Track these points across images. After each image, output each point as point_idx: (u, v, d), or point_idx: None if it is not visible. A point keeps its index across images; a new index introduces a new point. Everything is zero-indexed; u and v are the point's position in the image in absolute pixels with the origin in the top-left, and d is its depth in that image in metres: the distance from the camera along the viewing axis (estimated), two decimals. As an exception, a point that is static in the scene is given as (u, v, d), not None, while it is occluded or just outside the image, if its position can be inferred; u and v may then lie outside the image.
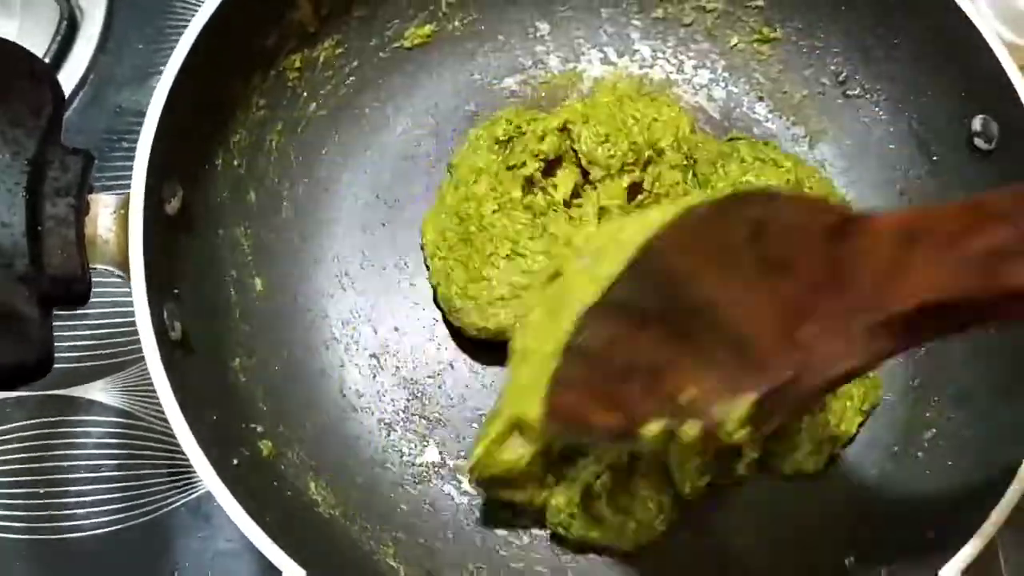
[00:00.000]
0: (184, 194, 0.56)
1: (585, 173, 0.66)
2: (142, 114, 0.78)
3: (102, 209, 0.51)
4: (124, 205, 0.51)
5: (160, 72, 0.80)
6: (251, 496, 0.50)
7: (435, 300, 0.66)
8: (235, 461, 0.53)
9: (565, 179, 0.65)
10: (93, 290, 0.71)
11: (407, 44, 0.70)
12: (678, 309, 0.42)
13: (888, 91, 0.68)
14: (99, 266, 0.51)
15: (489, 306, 0.62)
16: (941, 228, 0.39)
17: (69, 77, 0.78)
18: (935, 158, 0.65)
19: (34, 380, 0.48)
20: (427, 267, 0.66)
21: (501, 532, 0.61)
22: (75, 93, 0.79)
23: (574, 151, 0.66)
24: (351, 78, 0.68)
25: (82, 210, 0.50)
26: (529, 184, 0.65)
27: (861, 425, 0.62)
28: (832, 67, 0.70)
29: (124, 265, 0.51)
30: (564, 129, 0.66)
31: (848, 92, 0.70)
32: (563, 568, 0.60)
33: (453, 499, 0.62)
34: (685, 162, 0.67)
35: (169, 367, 0.49)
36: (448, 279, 0.64)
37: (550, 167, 0.66)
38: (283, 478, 0.57)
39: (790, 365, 0.42)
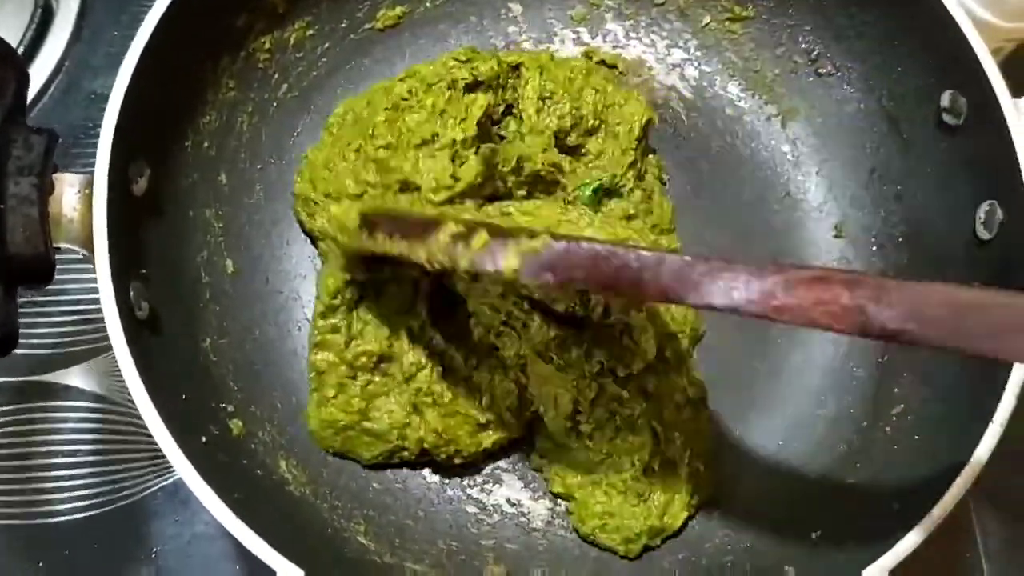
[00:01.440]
0: (152, 175, 0.56)
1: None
2: (118, 101, 0.80)
3: (67, 188, 0.51)
4: (89, 185, 0.51)
5: (135, 59, 0.82)
6: (218, 474, 0.50)
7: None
8: (203, 439, 0.54)
9: (479, 101, 0.62)
10: (69, 275, 0.72)
11: (378, 25, 0.69)
12: None
13: (859, 69, 0.68)
14: (63, 245, 0.51)
15: (316, 203, 0.63)
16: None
17: (44, 65, 0.78)
18: (905, 135, 0.65)
19: (-3, 358, 0.48)
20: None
21: (472, 510, 0.61)
22: (50, 81, 0.78)
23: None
24: (322, 60, 0.68)
25: (45, 189, 0.50)
26: (447, 88, 0.63)
27: (689, 519, 0.60)
28: (804, 45, 0.70)
29: (88, 244, 0.51)
30: (516, 68, 0.65)
31: (820, 70, 0.70)
32: (533, 545, 0.61)
33: (424, 478, 0.62)
34: (634, 151, 0.66)
35: (134, 345, 0.50)
36: (314, 159, 0.64)
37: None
38: (253, 457, 0.57)
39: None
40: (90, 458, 0.69)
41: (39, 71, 0.78)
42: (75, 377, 0.71)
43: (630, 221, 0.63)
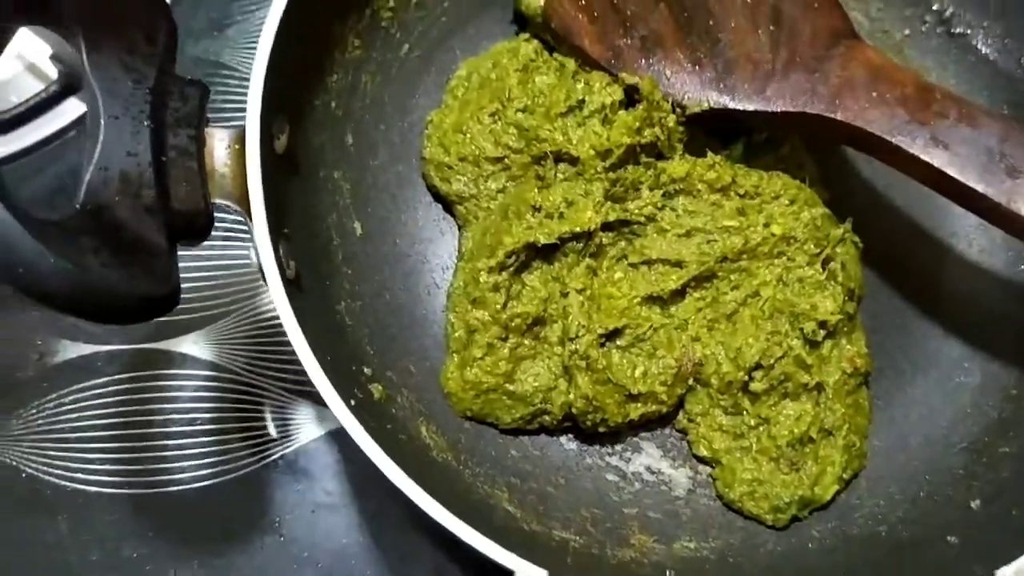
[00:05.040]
0: (290, 132, 0.55)
1: None
2: (220, 65, 0.78)
3: (217, 142, 0.50)
4: (237, 139, 0.50)
5: (236, 23, 0.80)
6: (374, 437, 0.49)
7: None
8: (352, 402, 0.52)
9: None
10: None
11: (503, -19, 0.68)
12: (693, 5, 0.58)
13: (997, 27, 0.65)
14: (217, 200, 0.50)
15: (451, 167, 0.62)
16: (900, 88, 0.54)
17: (147, 29, 0.77)
18: (1050, 98, 0.63)
19: (161, 314, 0.47)
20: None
21: (612, 478, 0.60)
22: (153, 45, 0.77)
23: None
24: (442, 18, 0.67)
25: (201, 142, 0.49)
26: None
27: (839, 493, 0.58)
28: (935, 4, 0.67)
29: (242, 200, 0.50)
30: None
31: (953, 30, 0.67)
32: (677, 513, 0.59)
33: (563, 445, 0.61)
34: None
35: (293, 301, 0.48)
36: (440, 123, 0.63)
37: None
38: (396, 421, 0.56)
39: (749, 103, 0.57)
40: (208, 427, 0.68)
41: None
42: (189, 345, 0.70)
43: (784, 174, 0.61)
